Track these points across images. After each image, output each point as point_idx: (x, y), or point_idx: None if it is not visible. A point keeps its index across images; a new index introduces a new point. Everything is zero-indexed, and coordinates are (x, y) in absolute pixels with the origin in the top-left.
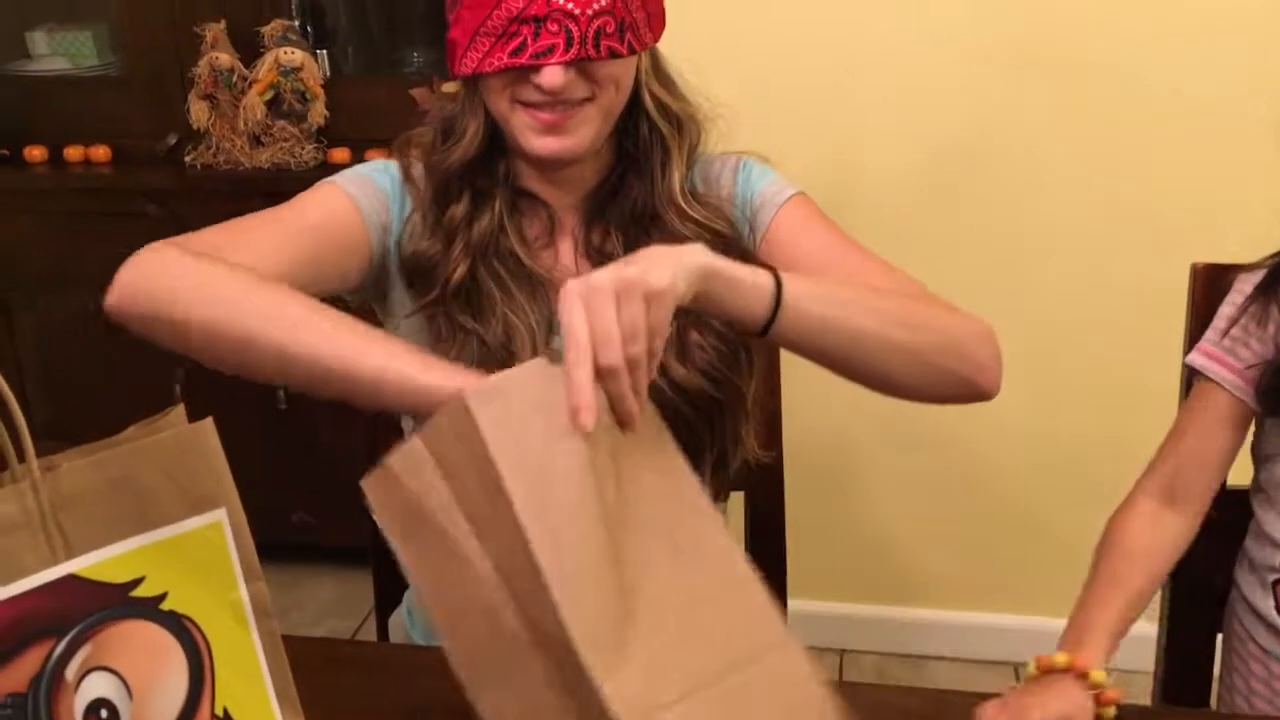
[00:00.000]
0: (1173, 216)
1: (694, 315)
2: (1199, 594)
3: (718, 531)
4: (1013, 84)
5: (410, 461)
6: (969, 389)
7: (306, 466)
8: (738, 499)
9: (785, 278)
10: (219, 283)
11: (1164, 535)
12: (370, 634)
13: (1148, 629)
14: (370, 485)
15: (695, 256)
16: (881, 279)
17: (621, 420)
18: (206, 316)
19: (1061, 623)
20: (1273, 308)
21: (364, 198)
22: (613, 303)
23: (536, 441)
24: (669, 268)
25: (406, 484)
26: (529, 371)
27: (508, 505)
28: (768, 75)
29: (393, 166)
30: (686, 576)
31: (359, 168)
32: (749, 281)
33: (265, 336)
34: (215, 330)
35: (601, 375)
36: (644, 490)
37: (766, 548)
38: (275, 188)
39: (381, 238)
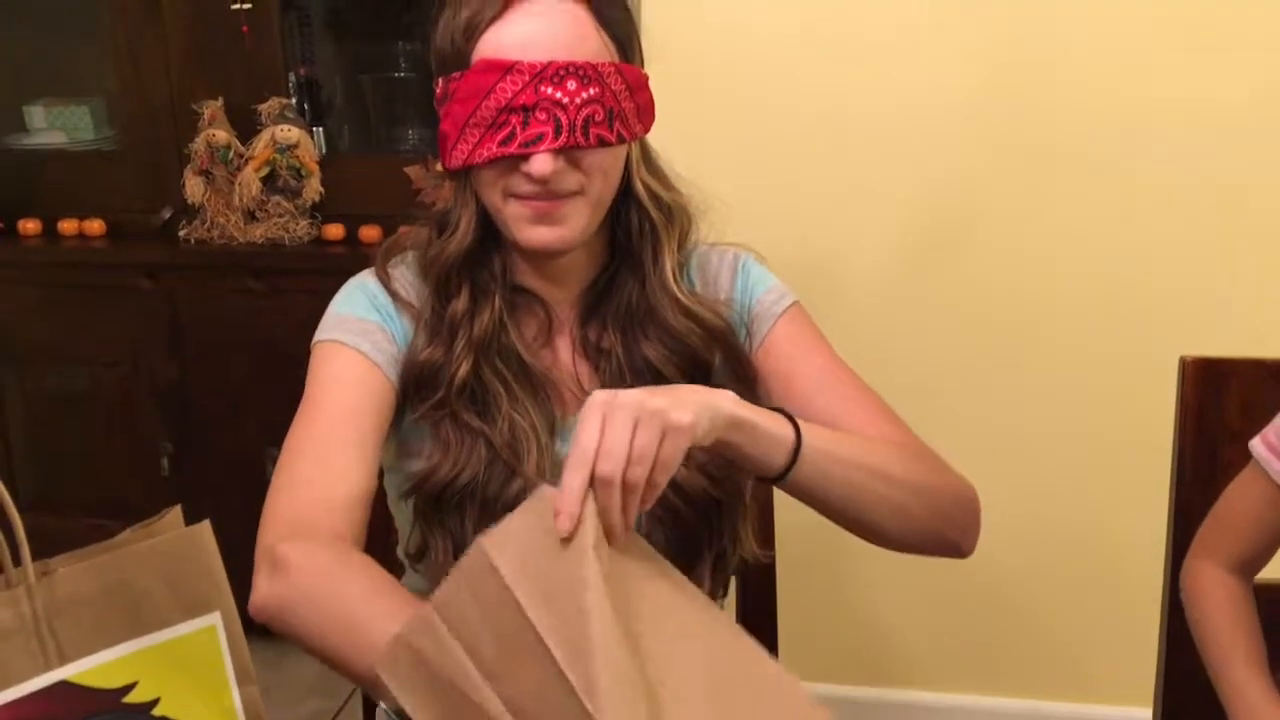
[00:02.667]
0: (1158, 303)
1: None
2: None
3: (725, 623)
4: (999, 169)
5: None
6: (949, 549)
7: None
8: (729, 582)
9: (805, 432)
10: (371, 632)
11: (1248, 603)
12: (353, 713)
13: (1142, 714)
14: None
15: (726, 404)
16: (870, 415)
17: (605, 532)
18: (351, 661)
19: (1050, 706)
20: None
21: (374, 350)
22: (630, 424)
23: (550, 563)
24: (694, 408)
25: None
26: (534, 502)
27: (534, 636)
28: (753, 155)
29: (376, 292)
30: (707, 664)
31: (348, 308)
32: (772, 433)
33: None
34: (346, 670)
35: (595, 484)
36: (648, 594)
37: (758, 630)
38: (269, 263)
39: (395, 374)
